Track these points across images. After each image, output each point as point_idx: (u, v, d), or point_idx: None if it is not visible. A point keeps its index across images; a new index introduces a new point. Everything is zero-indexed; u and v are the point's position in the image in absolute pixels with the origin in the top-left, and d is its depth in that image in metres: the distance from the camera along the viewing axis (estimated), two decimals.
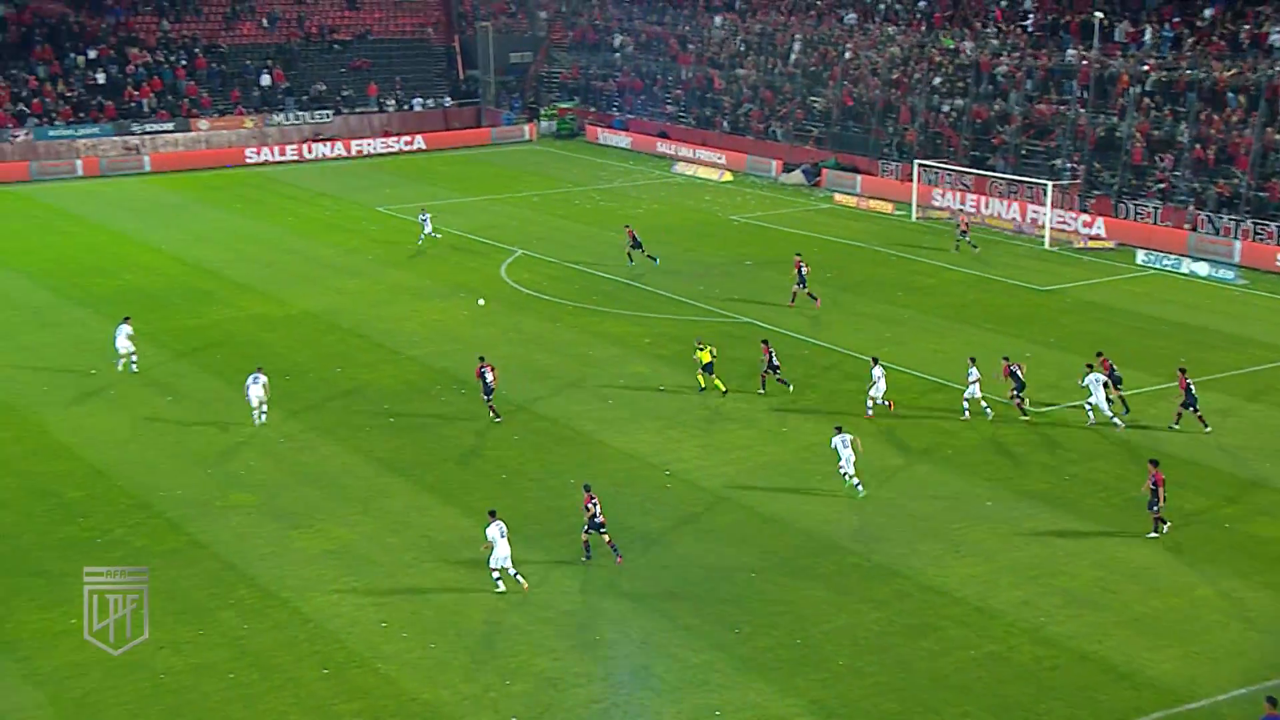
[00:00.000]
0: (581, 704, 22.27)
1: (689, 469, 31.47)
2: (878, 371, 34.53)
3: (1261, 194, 52.98)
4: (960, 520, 28.80)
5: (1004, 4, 69.07)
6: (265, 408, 33.98)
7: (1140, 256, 51.19)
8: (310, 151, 75.27)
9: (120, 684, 22.81)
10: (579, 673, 23.12)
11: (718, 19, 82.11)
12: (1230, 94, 55.91)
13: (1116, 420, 33.68)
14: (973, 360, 34.74)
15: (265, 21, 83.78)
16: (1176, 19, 61.35)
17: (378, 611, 25.14)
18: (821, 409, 35.23)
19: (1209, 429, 33.30)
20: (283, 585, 26.06)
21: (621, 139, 79.04)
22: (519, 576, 25.77)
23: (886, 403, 34.70)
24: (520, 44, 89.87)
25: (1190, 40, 59.73)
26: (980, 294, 47.10)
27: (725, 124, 75.52)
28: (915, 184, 59.91)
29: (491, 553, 25.60)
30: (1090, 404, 33.50)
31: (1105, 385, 33.56)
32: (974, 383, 34.23)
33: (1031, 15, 66.77)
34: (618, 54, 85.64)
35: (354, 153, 76.26)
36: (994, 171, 59.94)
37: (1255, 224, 51.51)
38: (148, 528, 28.38)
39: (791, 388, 36.40)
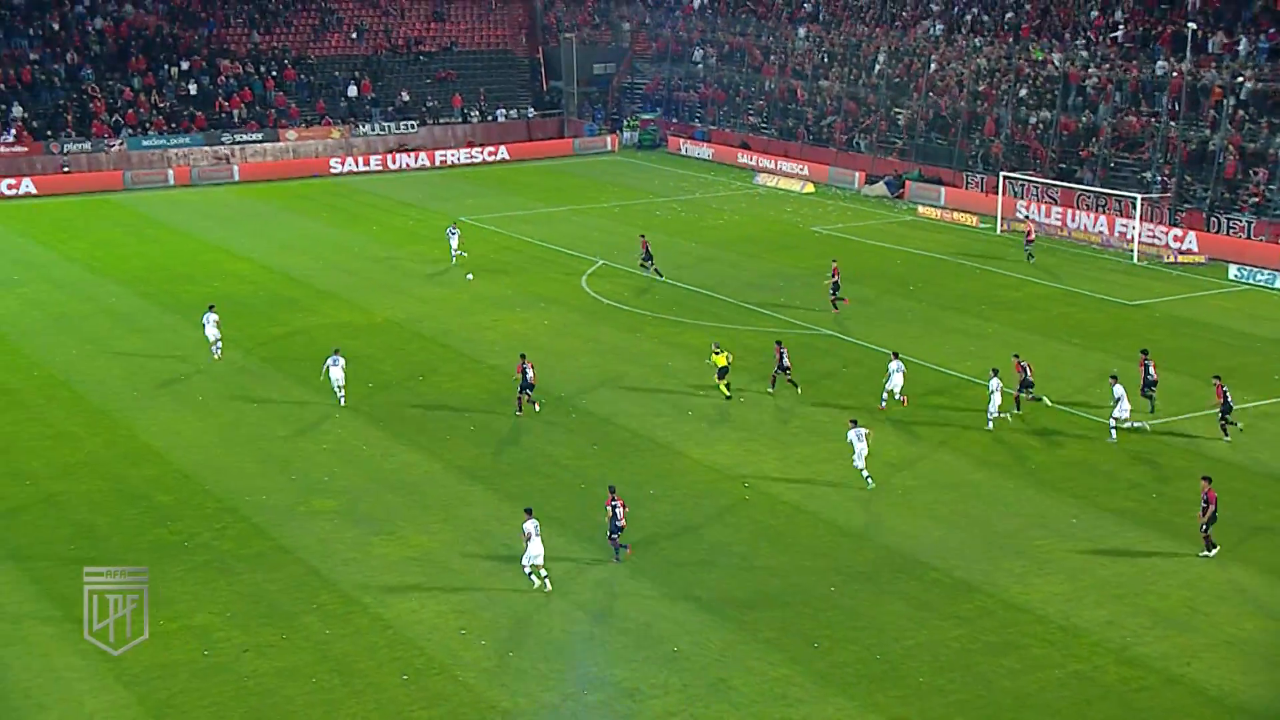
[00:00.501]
0: (659, 715, 22.27)
1: (768, 481, 31.37)
2: (895, 365, 35.28)
3: None
4: (1045, 537, 28.39)
5: (1094, 15, 68.12)
6: (343, 390, 36.06)
7: (1232, 271, 50.14)
8: (395, 162, 76.32)
9: (206, 686, 23.25)
10: (656, 684, 23.12)
11: (801, 30, 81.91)
12: None
13: (1143, 425, 34.12)
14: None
15: (353, 34, 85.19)
16: (1273, 30, 60.05)
17: (457, 619, 25.35)
18: (904, 422, 34.92)
19: (1228, 439, 33.39)
20: (364, 591, 26.38)
21: (703, 150, 79.09)
22: (547, 579, 26.17)
23: (901, 397, 35.41)
24: (603, 55, 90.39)
25: None
26: (1066, 308, 46.43)
27: (808, 135, 75.26)
28: (1000, 196, 59.24)
29: (526, 549, 26.04)
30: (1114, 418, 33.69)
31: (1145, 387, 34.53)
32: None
33: (1122, 26, 65.76)
34: (700, 65, 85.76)
35: (438, 163, 77.19)
36: (1082, 185, 59.12)
37: None
38: (234, 532, 28.90)
39: (800, 389, 36.98)
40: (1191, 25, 59.17)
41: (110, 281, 50.36)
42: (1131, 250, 53.75)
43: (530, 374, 35.44)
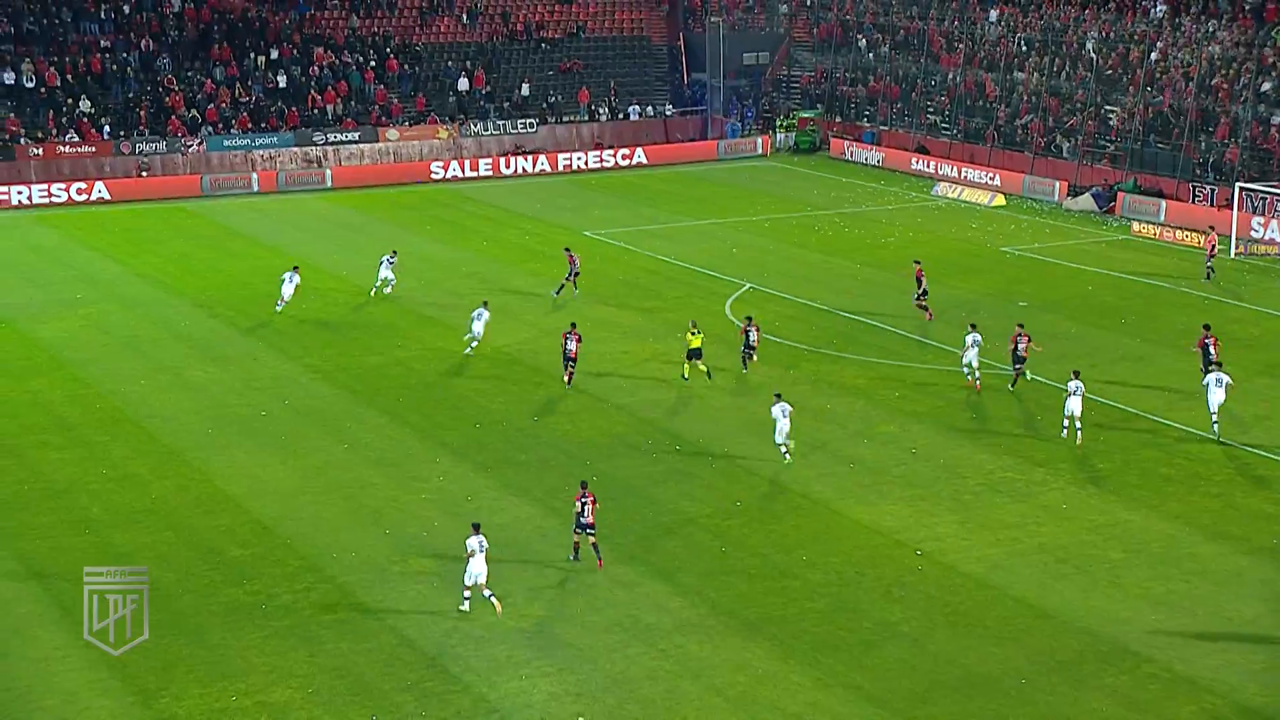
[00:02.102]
0: None
1: (945, 549, 31.02)
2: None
3: None
4: None
5: None
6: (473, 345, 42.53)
7: None
8: (510, 166, 77.68)
9: None
10: None
11: (993, 13, 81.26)
12: None
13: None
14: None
15: (465, 17, 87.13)
16: None
17: (575, 703, 25.54)
18: (1111, 481, 34.29)
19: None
20: (466, 667, 26.74)
21: (872, 154, 78.88)
22: (492, 598, 28.03)
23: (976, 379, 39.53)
24: (755, 43, 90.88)
25: None
26: None
27: (998, 138, 74.51)
28: (1236, 211, 57.88)
29: (467, 568, 28.14)
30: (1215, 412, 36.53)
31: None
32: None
33: None
34: (870, 54, 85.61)
35: (560, 168, 78.35)
36: None
37: None
38: (318, 593, 29.54)
39: (747, 369, 42.04)
40: None
41: (185, 302, 52.10)
42: None
43: (572, 346, 40.72)
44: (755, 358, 42.42)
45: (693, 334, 41.72)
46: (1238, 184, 58.88)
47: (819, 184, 73.83)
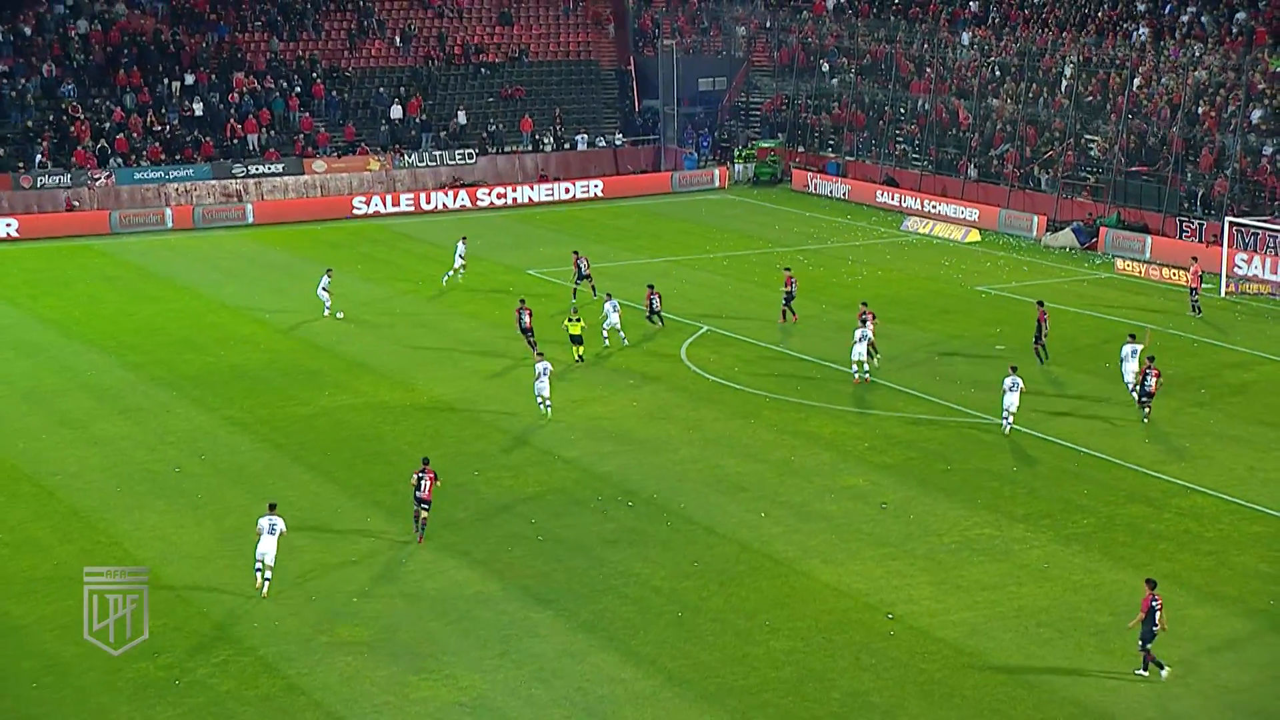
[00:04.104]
0: None
1: (918, 613, 31.09)
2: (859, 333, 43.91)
3: None
4: None
5: None
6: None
7: None
8: (449, 200, 77.71)
9: None
10: None
11: (965, 35, 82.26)
12: None
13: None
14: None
15: (398, 40, 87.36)
16: None
17: None
18: (1095, 537, 34.52)
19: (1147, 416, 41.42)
20: None
21: (837, 187, 79.50)
22: (266, 580, 31.18)
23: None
24: (712, 68, 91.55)
25: None
26: None
27: (972, 169, 75.26)
28: (1225, 248, 58.61)
29: (258, 545, 31.35)
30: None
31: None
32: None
33: None
34: (835, 80, 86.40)
35: (502, 202, 78.46)
36: None
37: None
38: (236, 667, 29.27)
39: (660, 325, 49.68)
40: None
41: (91, 349, 51.74)
42: None
43: (526, 319, 48.38)
44: (662, 323, 50.40)
45: (572, 320, 47.91)
46: (1227, 219, 59.61)
47: (780, 219, 74.26)
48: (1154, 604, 28.34)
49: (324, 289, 54.71)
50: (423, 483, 34.16)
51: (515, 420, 43.49)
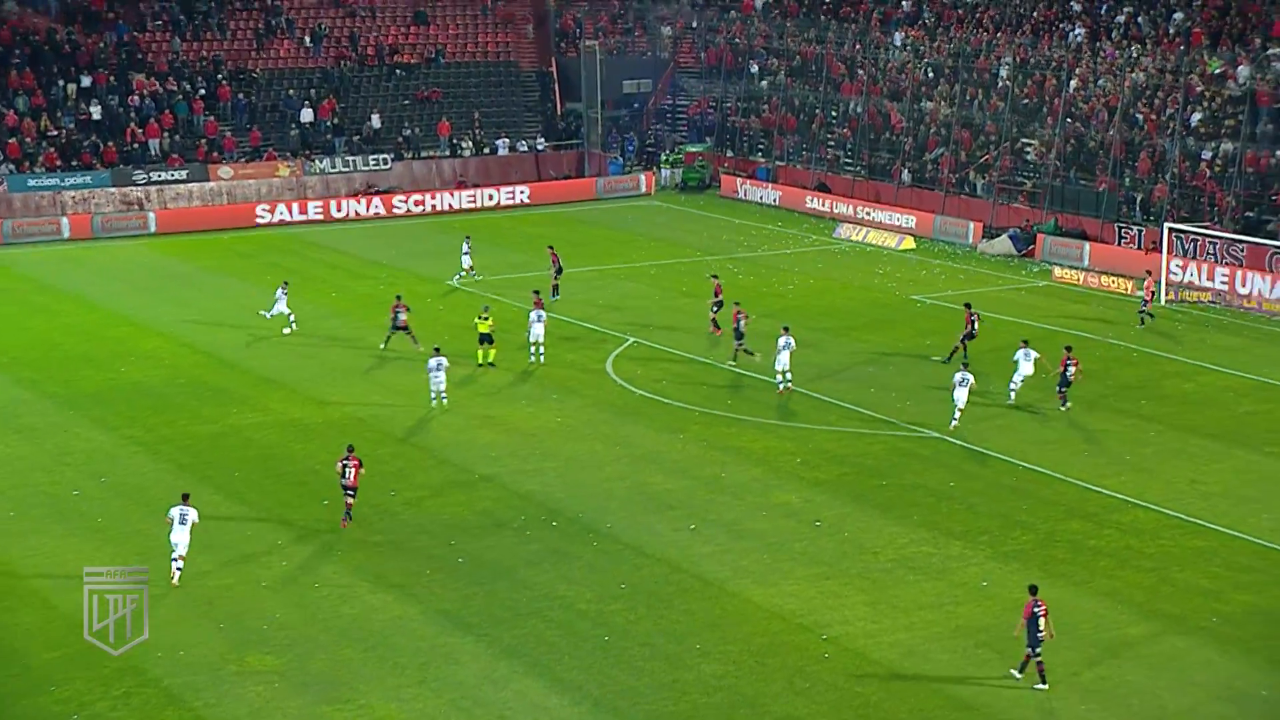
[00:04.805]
0: None
1: (853, 634, 31.26)
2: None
3: None
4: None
5: None
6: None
7: None
8: (362, 208, 77.37)
9: None
10: None
11: (898, 35, 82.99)
12: None
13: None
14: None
15: (308, 40, 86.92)
16: None
17: None
18: (1034, 554, 34.86)
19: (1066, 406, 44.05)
20: None
21: (767, 193, 79.88)
22: (177, 568, 32.68)
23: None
24: (636, 69, 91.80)
25: None
26: (1259, 404, 46.39)
27: (906, 174, 75.87)
28: (1165, 255, 59.41)
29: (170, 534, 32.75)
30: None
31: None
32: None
33: None
34: (764, 82, 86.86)
35: (420, 210, 78.23)
36: (1276, 240, 59.18)
37: None
38: (139, 700, 28.97)
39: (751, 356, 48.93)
40: None
41: None
42: None
43: (402, 317, 49.91)
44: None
45: (481, 319, 49.10)
46: (1166, 225, 60.38)
47: (709, 226, 74.52)
48: (1035, 610, 28.78)
49: (279, 299, 54.10)
50: (348, 470, 35.93)
51: (434, 438, 43.35)
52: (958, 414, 43.24)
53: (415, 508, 38.14)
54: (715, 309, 53.28)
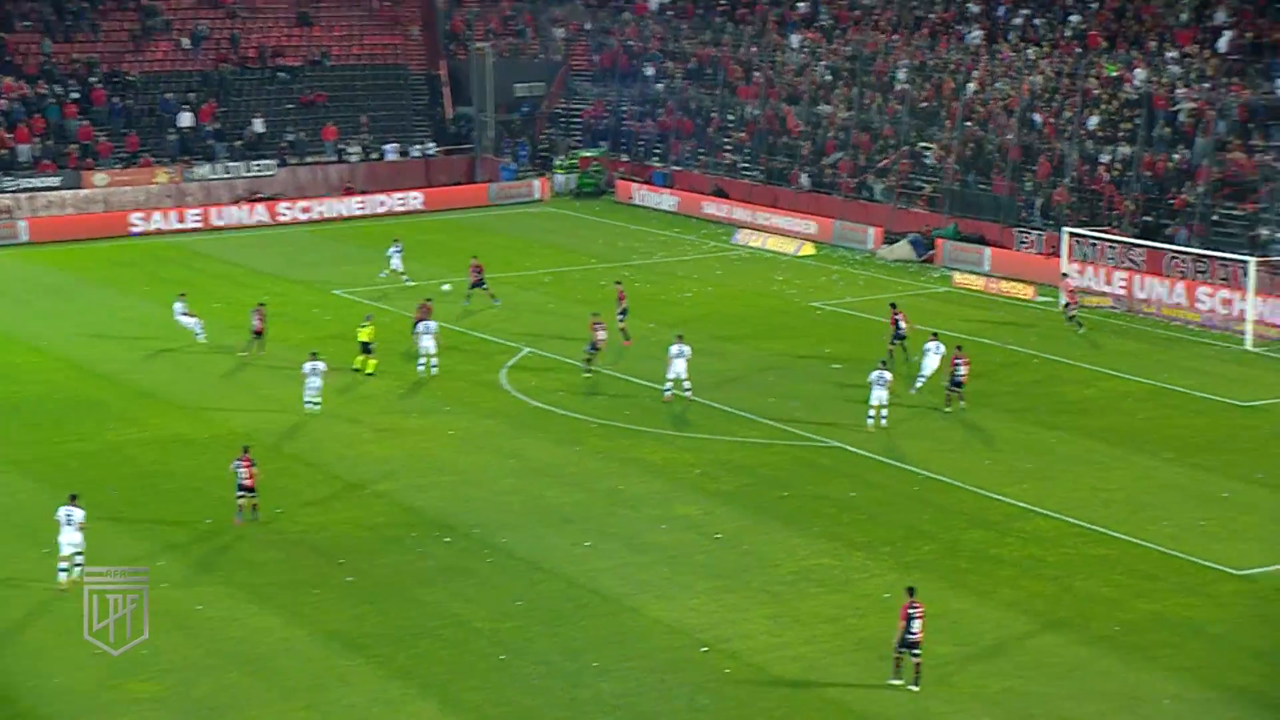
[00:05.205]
0: None
1: (755, 649, 31.36)
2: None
3: None
4: None
5: (1186, 17, 69.85)
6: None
7: None
8: (244, 215, 76.68)
9: None
10: None
11: (795, 38, 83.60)
12: None
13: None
14: None
15: (186, 41, 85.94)
16: None
17: None
18: (937, 564, 35.18)
19: (958, 406, 45.38)
20: None
21: (664, 198, 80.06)
22: (78, 565, 32.71)
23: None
24: (529, 72, 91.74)
25: None
26: (1158, 410, 47.11)
27: (805, 179, 76.38)
28: (1065, 260, 60.23)
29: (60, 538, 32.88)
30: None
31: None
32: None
33: (1227, 33, 67.46)
34: (660, 85, 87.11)
35: (306, 217, 77.62)
36: (1174, 244, 60.18)
37: None
38: None
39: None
40: None
41: None
42: (1243, 333, 54.72)
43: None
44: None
45: (362, 326, 49.49)
46: (1065, 229, 61.19)
47: (604, 232, 74.59)
48: (911, 611, 29.18)
49: (183, 315, 53.32)
50: (241, 471, 37.05)
51: (322, 451, 43.02)
52: (872, 413, 43.88)
53: (302, 524, 37.82)
54: (620, 317, 53.29)
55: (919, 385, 46.93)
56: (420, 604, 33.49)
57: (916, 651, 29.29)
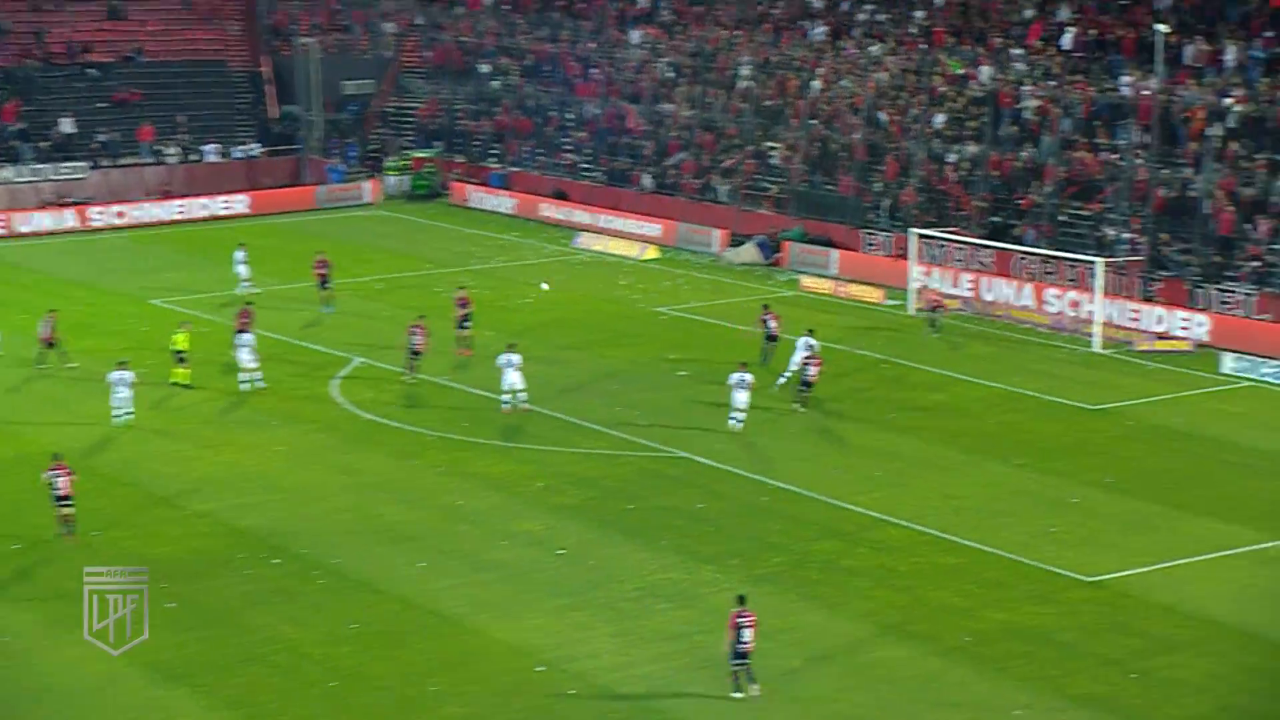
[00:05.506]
0: None
1: (601, 668, 31.44)
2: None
3: None
4: None
5: (1030, 14, 71.32)
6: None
7: (1228, 363, 52.58)
8: (51, 221, 75.18)
9: None
10: None
11: (635, 34, 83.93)
12: None
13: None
14: None
15: None
16: (1269, 34, 63.58)
17: None
18: (787, 577, 35.55)
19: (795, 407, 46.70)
20: None
21: (502, 200, 79.96)
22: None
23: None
24: (358, 69, 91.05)
25: None
26: (1008, 414, 48.04)
27: (648, 180, 76.73)
28: (913, 262, 61.10)
29: None
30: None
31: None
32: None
33: (1071, 30, 68.99)
34: (496, 82, 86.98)
35: (121, 222, 76.35)
36: (1022, 245, 61.38)
37: None
38: None
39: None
40: (1161, 28, 62.17)
41: None
42: (1092, 335, 55.97)
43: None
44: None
45: (179, 332, 49.23)
46: (913, 231, 62.05)
47: (440, 236, 74.32)
48: (740, 621, 29.56)
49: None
50: (58, 480, 36.65)
51: (141, 470, 42.41)
52: (736, 415, 44.57)
53: (122, 548, 37.13)
54: (463, 326, 53.28)
55: (782, 381, 47.98)
56: (248, 629, 33.13)
57: (743, 662, 29.60)
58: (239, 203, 79.52)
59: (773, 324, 51.51)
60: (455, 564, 36.43)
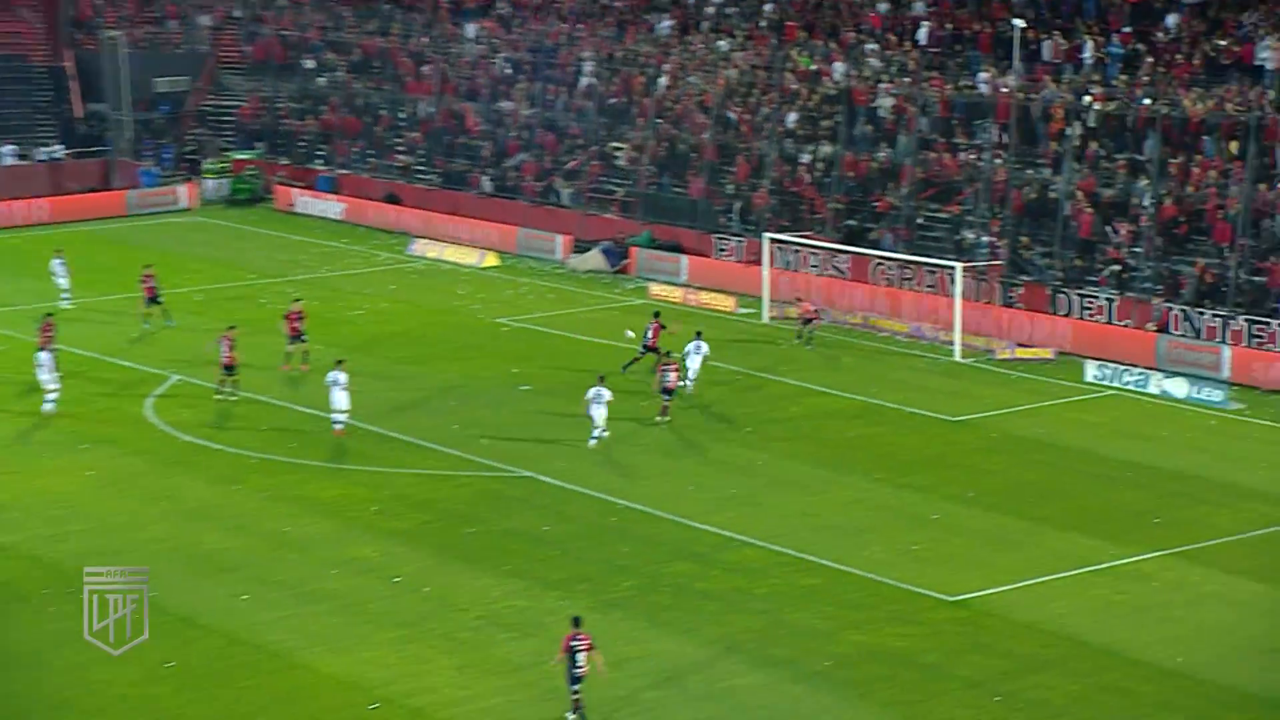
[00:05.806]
0: None
1: (441, 703, 31.30)
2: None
3: (1257, 278, 56.02)
4: None
5: (884, 8, 72.22)
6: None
7: (1090, 371, 53.62)
8: None
9: None
10: None
11: (471, 27, 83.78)
12: (1206, 136, 59.24)
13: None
14: None
15: None
16: (1127, 29, 64.99)
17: None
18: (637, 601, 35.61)
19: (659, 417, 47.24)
20: None
21: (330, 205, 79.37)
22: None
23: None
24: (171, 65, 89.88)
25: (1149, 60, 63.24)
26: (867, 427, 48.57)
27: (487, 183, 76.58)
28: (767, 268, 61.53)
29: None
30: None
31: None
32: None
33: (925, 24, 69.97)
34: (322, 79, 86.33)
35: None
36: (878, 249, 62.09)
37: (1250, 322, 54.32)
38: None
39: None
40: (1017, 23, 63.31)
41: None
42: (951, 343, 56.77)
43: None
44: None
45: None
46: (766, 235, 62.49)
47: (263, 244, 73.58)
48: (574, 644, 29.68)
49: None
50: None
51: None
52: (596, 432, 44.85)
53: None
54: (294, 341, 52.63)
55: (690, 384, 49.69)
56: (54, 671, 32.47)
57: (576, 688, 29.61)
58: (39, 208, 77.95)
59: (651, 334, 51.73)
60: (282, 595, 36.02)
